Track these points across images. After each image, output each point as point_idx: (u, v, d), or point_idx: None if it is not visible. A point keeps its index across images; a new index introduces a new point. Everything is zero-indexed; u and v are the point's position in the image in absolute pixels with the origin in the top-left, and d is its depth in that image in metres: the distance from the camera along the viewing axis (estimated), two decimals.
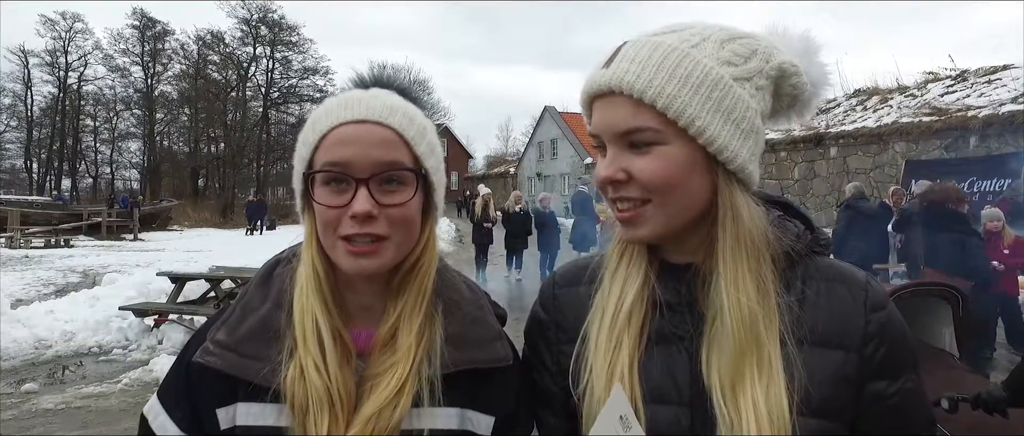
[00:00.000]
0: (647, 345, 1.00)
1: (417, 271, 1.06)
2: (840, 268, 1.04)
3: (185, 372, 1.06)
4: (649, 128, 0.93)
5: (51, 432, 5.39)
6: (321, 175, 1.00)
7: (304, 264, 1.04)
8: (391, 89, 1.09)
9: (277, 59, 48.63)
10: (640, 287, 1.02)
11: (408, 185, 1.02)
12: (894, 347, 0.99)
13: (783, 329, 0.95)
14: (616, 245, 1.07)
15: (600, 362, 0.99)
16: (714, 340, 0.96)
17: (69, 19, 47.53)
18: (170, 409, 1.06)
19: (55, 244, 22.55)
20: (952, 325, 3.82)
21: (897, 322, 1.01)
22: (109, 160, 53.05)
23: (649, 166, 0.93)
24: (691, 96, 0.92)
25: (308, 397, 0.96)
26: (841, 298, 0.99)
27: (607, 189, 0.98)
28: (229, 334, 1.03)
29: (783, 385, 0.92)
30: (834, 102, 21.45)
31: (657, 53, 0.94)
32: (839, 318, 0.98)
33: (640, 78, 0.92)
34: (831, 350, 0.96)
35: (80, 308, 9.24)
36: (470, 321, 1.09)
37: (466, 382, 1.05)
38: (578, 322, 1.07)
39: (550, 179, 43.70)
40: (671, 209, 0.95)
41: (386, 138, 1.01)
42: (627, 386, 0.97)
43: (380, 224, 0.99)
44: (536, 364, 1.14)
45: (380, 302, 1.07)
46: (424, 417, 1.01)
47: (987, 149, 14.78)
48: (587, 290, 1.09)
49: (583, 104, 1.02)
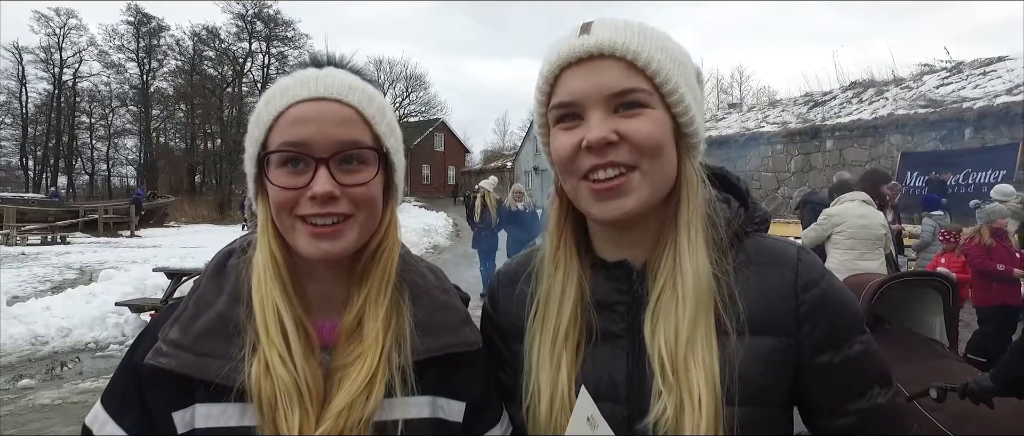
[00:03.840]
0: (587, 349, 1.01)
1: (380, 255, 1.02)
2: (772, 248, 1.03)
3: (135, 374, 0.97)
4: (643, 89, 0.94)
5: (49, 427, 5.40)
6: (276, 156, 0.95)
7: (260, 252, 0.99)
8: (345, 69, 1.04)
9: (273, 55, 48.49)
10: (576, 295, 1.02)
11: (370, 165, 0.98)
12: (832, 320, 0.99)
13: (720, 309, 0.95)
14: (549, 249, 1.07)
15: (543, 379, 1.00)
16: (661, 312, 0.96)
17: (63, 15, 47.25)
18: (117, 415, 0.97)
19: (51, 241, 22.49)
20: (942, 314, 3.84)
21: (833, 294, 1.00)
22: (105, 157, 52.89)
23: (644, 125, 0.93)
24: (674, 67, 0.96)
25: (276, 392, 0.91)
26: (772, 282, 0.99)
27: (584, 158, 0.94)
28: (182, 332, 0.96)
29: (717, 364, 0.92)
30: (830, 95, 21.48)
31: (638, 26, 0.97)
32: (771, 304, 0.98)
33: (635, 42, 0.93)
34: (762, 337, 0.96)
35: (77, 304, 9.25)
36: (437, 306, 1.06)
37: (436, 368, 1.02)
38: (519, 321, 1.08)
39: (546, 173, 43.54)
40: (656, 176, 0.96)
41: (346, 116, 0.97)
42: (567, 390, 0.98)
43: (341, 204, 0.95)
44: (492, 359, 1.14)
45: (342, 290, 1.02)
46: (396, 407, 0.97)
47: (982, 140, 14.82)
48: (525, 289, 1.09)
49: (548, 76, 0.98)
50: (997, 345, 5.96)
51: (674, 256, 0.97)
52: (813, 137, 18.74)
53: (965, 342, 5.80)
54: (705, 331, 0.93)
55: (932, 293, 3.90)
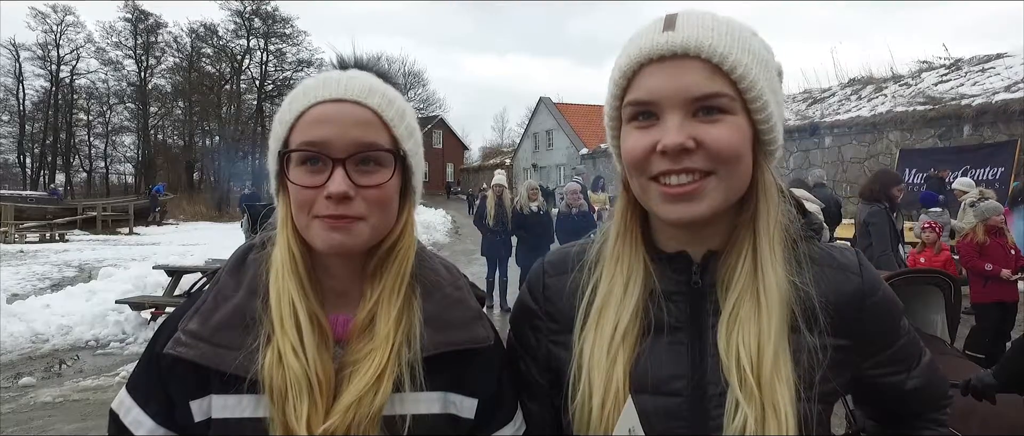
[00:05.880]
0: (644, 340, 0.99)
1: (395, 255, 1.03)
2: (835, 254, 1.04)
3: (156, 363, 1.01)
4: (726, 94, 0.89)
5: (50, 425, 5.40)
6: (297, 155, 0.97)
7: (279, 246, 1.01)
8: (371, 72, 1.07)
9: (271, 52, 48.42)
10: (641, 290, 1.00)
11: (386, 167, 0.99)
12: (890, 323, 1.06)
13: (796, 313, 0.95)
14: (614, 236, 1.05)
15: (597, 375, 0.97)
16: (741, 322, 0.93)
17: (60, 12, 47.08)
18: (143, 403, 1.01)
19: (50, 239, 22.46)
20: (944, 312, 3.85)
21: (890, 298, 1.06)
22: (103, 154, 52.78)
23: (724, 134, 0.89)
24: (760, 71, 0.92)
25: (287, 382, 0.93)
26: (840, 287, 1.00)
27: (657, 161, 0.91)
28: (201, 323, 0.99)
29: (791, 368, 0.92)
30: (829, 91, 21.48)
31: (725, 23, 0.91)
32: (840, 308, 0.99)
33: (722, 43, 0.89)
34: (835, 338, 0.97)
35: (77, 302, 9.23)
36: (449, 302, 1.07)
37: (448, 365, 1.02)
38: (570, 311, 1.06)
39: (546, 170, 43.65)
40: (732, 183, 0.92)
41: (364, 118, 0.99)
42: (623, 385, 0.95)
43: (356, 205, 0.96)
44: (522, 352, 1.13)
45: (357, 287, 1.04)
46: (406, 402, 0.99)
47: (980, 138, 14.82)
48: (577, 278, 1.07)
49: (626, 71, 0.93)
50: (994, 341, 5.98)
51: (755, 264, 0.95)
52: (812, 134, 18.74)
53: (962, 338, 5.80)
54: (785, 343, 0.93)
55: (933, 290, 3.91)
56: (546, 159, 44.98)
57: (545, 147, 45.64)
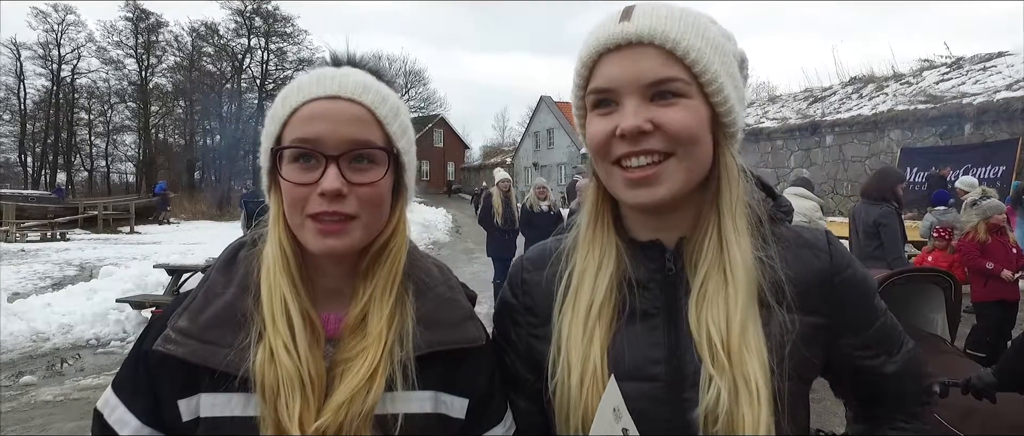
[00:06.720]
0: (619, 326, 1.01)
1: (387, 253, 1.03)
2: (804, 233, 1.07)
3: (144, 361, 0.99)
4: (680, 79, 0.93)
5: (50, 423, 5.40)
6: (289, 151, 0.97)
7: (271, 244, 1.01)
8: (365, 69, 1.06)
9: (272, 50, 48.54)
10: (614, 270, 1.02)
11: (379, 164, 0.99)
12: (863, 301, 1.06)
13: (765, 290, 0.97)
14: (586, 223, 1.08)
15: (574, 353, 0.99)
16: (708, 297, 0.96)
17: (61, 11, 47.10)
18: (128, 401, 1.00)
19: (51, 238, 22.47)
20: (944, 310, 3.85)
21: (861, 276, 1.07)
22: (104, 153, 52.83)
23: (679, 116, 0.93)
24: (714, 55, 0.96)
25: (279, 380, 0.92)
26: (809, 264, 1.02)
27: (617, 145, 0.95)
28: (191, 320, 0.98)
29: (764, 347, 0.94)
30: (830, 90, 21.46)
31: (680, 12, 0.96)
32: (810, 285, 1.01)
33: (674, 30, 0.93)
34: (806, 315, 1.00)
35: (77, 301, 9.24)
36: (441, 302, 1.07)
37: (439, 364, 1.02)
38: (548, 304, 1.07)
39: (547, 169, 43.70)
40: (690, 164, 0.96)
41: (358, 115, 0.98)
42: (600, 363, 0.97)
43: (349, 203, 0.95)
44: (506, 348, 1.14)
45: (349, 285, 1.03)
46: (398, 401, 0.98)
47: (982, 136, 14.81)
48: (554, 269, 1.09)
49: (587, 61, 0.98)
50: (995, 340, 5.96)
51: (719, 241, 0.98)
52: (813, 133, 18.73)
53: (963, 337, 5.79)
54: (754, 315, 0.95)
55: (934, 289, 3.91)
56: (547, 158, 45.04)
57: (546, 146, 45.70)
